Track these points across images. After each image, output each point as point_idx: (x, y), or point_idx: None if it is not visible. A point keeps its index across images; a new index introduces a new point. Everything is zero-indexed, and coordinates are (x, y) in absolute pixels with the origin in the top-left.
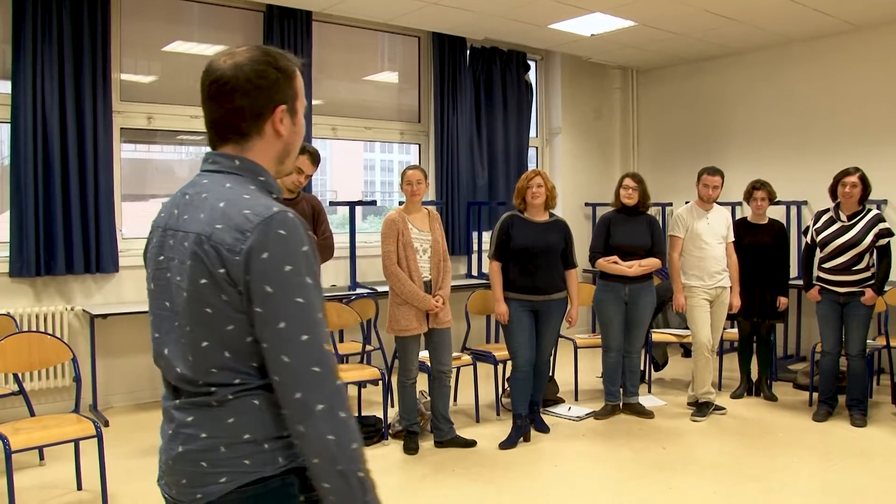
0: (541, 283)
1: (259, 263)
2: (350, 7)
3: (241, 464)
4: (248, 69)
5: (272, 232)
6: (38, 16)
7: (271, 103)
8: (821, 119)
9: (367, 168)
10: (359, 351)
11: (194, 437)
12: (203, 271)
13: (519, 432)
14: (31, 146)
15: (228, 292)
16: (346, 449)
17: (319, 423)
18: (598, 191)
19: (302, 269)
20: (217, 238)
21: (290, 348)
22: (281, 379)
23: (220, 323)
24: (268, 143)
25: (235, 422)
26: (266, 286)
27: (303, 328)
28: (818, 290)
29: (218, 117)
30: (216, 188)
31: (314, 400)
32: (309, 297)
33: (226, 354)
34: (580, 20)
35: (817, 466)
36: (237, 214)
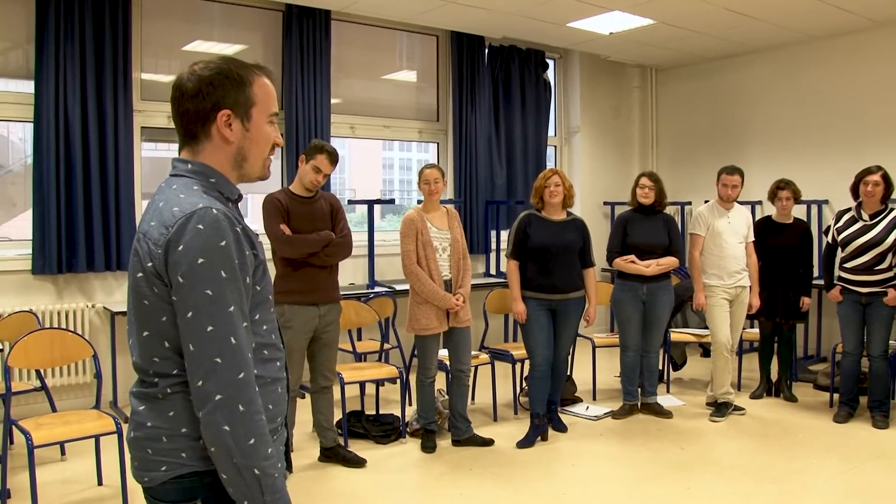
0: (559, 281)
1: (174, 255)
2: (369, 6)
3: (179, 455)
4: (196, 77)
5: (190, 226)
6: (60, 16)
7: (215, 107)
8: (842, 117)
9: (385, 167)
10: (377, 349)
11: (142, 424)
12: (139, 266)
13: (536, 431)
14: (54, 145)
15: (157, 285)
16: (241, 443)
17: (216, 412)
18: (616, 190)
19: (215, 262)
20: (149, 235)
21: (194, 337)
22: (188, 366)
23: (156, 314)
24: (216, 146)
25: (174, 415)
26: (179, 276)
27: (209, 319)
28: (839, 290)
29: (175, 121)
30: (166, 191)
31: (213, 390)
32: (219, 289)
33: (165, 344)
34: (599, 18)
35: (838, 468)
36: (167, 212)
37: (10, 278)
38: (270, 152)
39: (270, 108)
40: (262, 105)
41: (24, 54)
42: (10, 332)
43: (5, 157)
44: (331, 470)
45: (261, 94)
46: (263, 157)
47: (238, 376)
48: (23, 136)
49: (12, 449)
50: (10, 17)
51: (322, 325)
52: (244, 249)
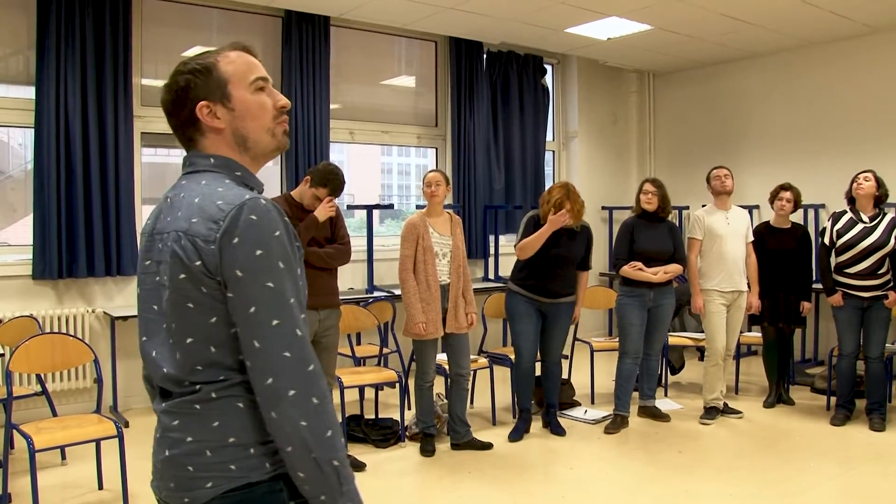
0: (556, 288)
1: (230, 249)
2: (367, 12)
3: (227, 469)
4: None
5: (243, 217)
6: (61, 22)
7: (190, 106)
8: (839, 122)
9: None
10: (376, 354)
11: (180, 441)
12: (181, 266)
13: (525, 424)
14: (54, 150)
15: (207, 284)
16: (320, 436)
17: (291, 408)
18: (614, 195)
19: (273, 253)
20: (193, 231)
21: (260, 333)
22: (252, 364)
23: (203, 316)
24: (214, 140)
25: (220, 425)
26: (237, 270)
27: (273, 313)
28: (841, 295)
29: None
30: (193, 186)
31: (285, 385)
32: (280, 281)
33: (211, 349)
34: (596, 24)
35: (835, 471)
36: (211, 206)
37: (10, 283)
38: (277, 119)
39: (248, 76)
40: (236, 79)
41: (24, 60)
42: (11, 337)
43: (6, 163)
44: None
45: (231, 70)
46: (266, 127)
47: (308, 369)
48: (23, 141)
49: (13, 453)
50: (12, 23)
51: (321, 330)
52: (293, 240)
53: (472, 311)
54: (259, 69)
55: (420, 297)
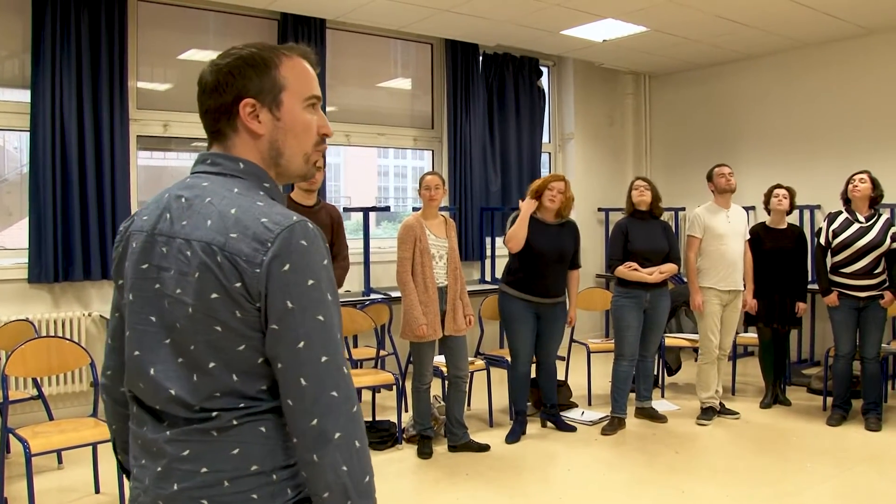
0: (549, 287)
1: (280, 276)
2: (363, 15)
3: (249, 498)
4: (215, 69)
5: (294, 242)
6: (56, 26)
7: (235, 98)
8: (834, 123)
9: (380, 174)
10: (373, 356)
11: (193, 472)
12: (215, 285)
13: (521, 426)
14: (50, 154)
15: (245, 308)
16: (359, 482)
17: (335, 452)
18: (611, 196)
19: (324, 283)
20: (232, 248)
21: (308, 370)
22: (295, 404)
23: (231, 342)
24: (245, 143)
25: (241, 452)
26: (287, 301)
27: (323, 349)
28: (837, 295)
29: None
30: (222, 192)
31: (332, 428)
32: (330, 315)
33: (233, 377)
34: (592, 26)
35: (831, 471)
36: (254, 223)
37: (6, 287)
38: (317, 146)
39: (306, 90)
40: (294, 88)
41: (20, 63)
42: (7, 341)
43: (1, 167)
44: None
45: (291, 77)
46: (305, 151)
47: (353, 410)
48: (18, 145)
49: (9, 457)
50: (7, 26)
51: None
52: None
53: (469, 313)
54: (316, 86)
55: (419, 299)
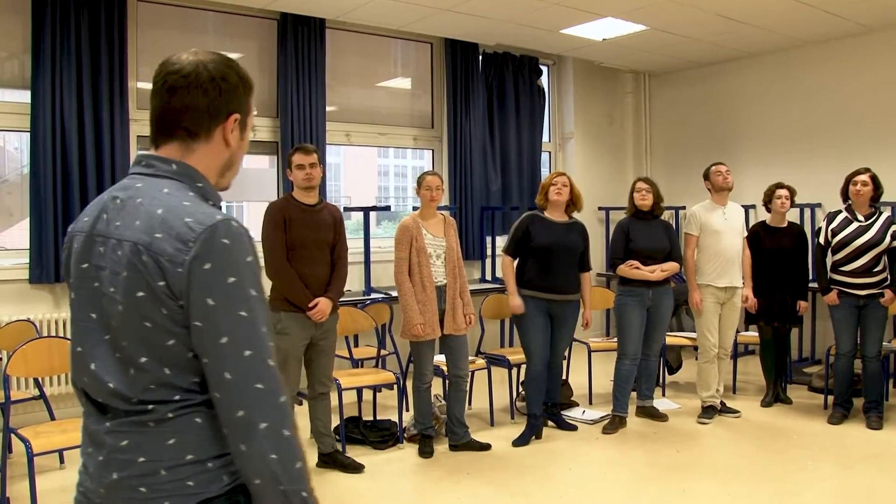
0: (559, 283)
1: (201, 275)
2: (363, 14)
3: (185, 486)
4: (211, 68)
5: (216, 241)
6: (56, 26)
7: (227, 108)
8: (834, 121)
9: (380, 173)
10: (374, 355)
11: (131, 461)
12: (141, 283)
13: (532, 431)
14: (51, 154)
15: (169, 306)
16: (289, 468)
17: (262, 441)
18: (611, 195)
19: (246, 280)
20: (157, 248)
21: (232, 365)
22: (222, 396)
23: (160, 338)
24: (214, 149)
25: (177, 442)
26: (208, 299)
27: (246, 343)
28: (836, 293)
29: (170, 111)
30: (152, 193)
31: (257, 418)
32: (252, 309)
33: (165, 371)
34: (592, 25)
35: (832, 469)
36: (178, 223)
37: (7, 287)
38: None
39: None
40: (252, 115)
41: (20, 64)
42: (9, 341)
43: (2, 167)
44: (329, 475)
45: (252, 103)
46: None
47: (279, 400)
48: (19, 145)
49: (11, 457)
50: (7, 27)
51: (319, 333)
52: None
53: (469, 312)
54: None
55: (416, 298)
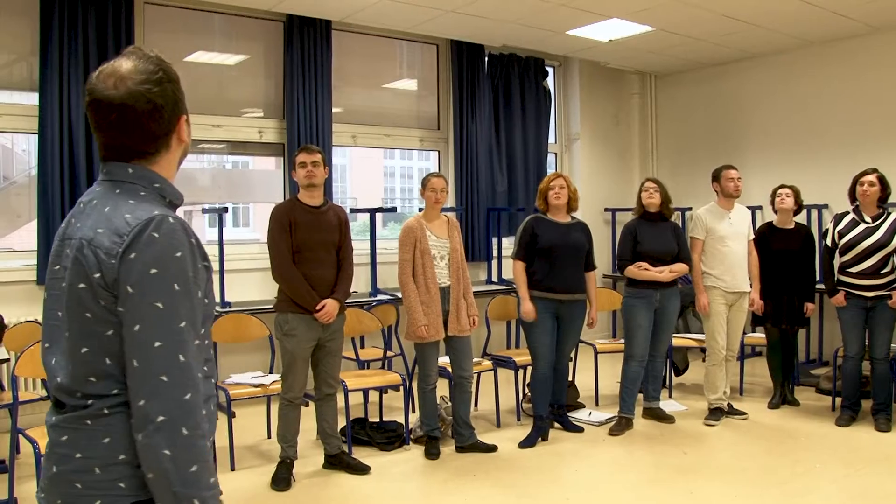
0: (565, 282)
1: (126, 264)
2: (369, 16)
3: (117, 486)
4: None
5: (146, 234)
6: (64, 29)
7: (175, 117)
8: (841, 122)
9: (386, 175)
10: (380, 357)
11: (69, 457)
12: (82, 276)
13: (539, 432)
14: (58, 156)
15: (104, 297)
16: (183, 470)
17: (157, 434)
18: (617, 196)
19: (169, 274)
20: (97, 242)
21: (139, 353)
22: (130, 383)
23: (99, 327)
24: (173, 153)
25: (111, 442)
26: (128, 286)
27: (157, 334)
28: (843, 295)
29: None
30: (107, 194)
31: (156, 410)
32: (172, 303)
33: (106, 361)
34: (598, 26)
35: (840, 472)
36: (119, 219)
37: (15, 289)
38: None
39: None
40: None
41: (28, 66)
42: (17, 342)
43: (9, 169)
44: (335, 477)
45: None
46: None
47: (184, 397)
48: (27, 147)
49: (19, 458)
50: (15, 29)
51: (326, 334)
52: (198, 261)
53: (473, 313)
54: None
55: (420, 300)
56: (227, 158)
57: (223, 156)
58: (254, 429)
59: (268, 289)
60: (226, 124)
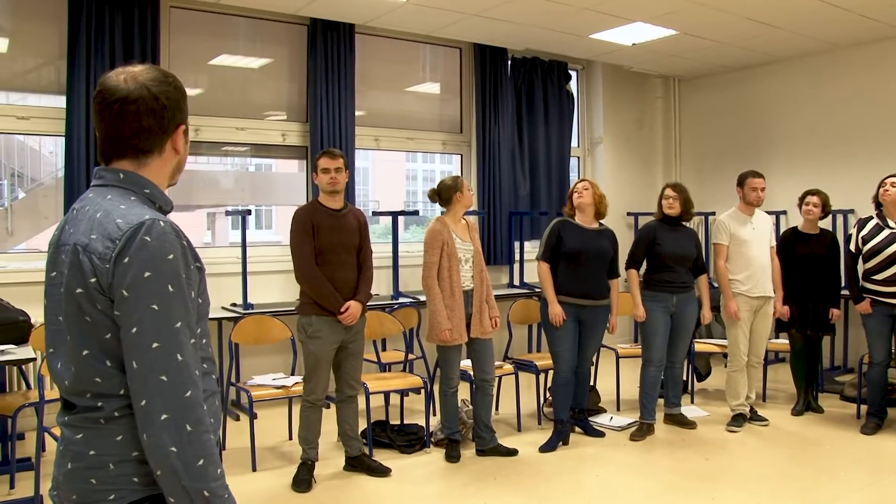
0: (589, 287)
1: (120, 268)
2: (392, 20)
3: (131, 481)
4: (155, 89)
5: (137, 238)
6: (91, 32)
7: (174, 122)
8: (867, 126)
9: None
10: (401, 359)
11: (82, 454)
12: (79, 281)
13: (559, 437)
14: (84, 158)
15: (101, 301)
16: (190, 464)
17: (161, 433)
18: (640, 200)
19: (162, 276)
20: (91, 248)
21: (138, 354)
22: (131, 385)
23: (99, 331)
24: (165, 160)
25: (124, 439)
26: (123, 290)
27: (154, 335)
28: (869, 302)
29: (119, 135)
30: (98, 200)
31: (158, 409)
32: (166, 304)
33: (107, 363)
34: (621, 30)
35: (865, 480)
36: (111, 224)
37: (42, 289)
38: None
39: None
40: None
41: (55, 70)
42: (43, 342)
43: (37, 171)
44: (356, 479)
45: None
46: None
47: (185, 395)
48: (54, 149)
49: (45, 456)
50: (44, 34)
51: (349, 336)
52: (190, 263)
53: (495, 315)
54: None
55: (444, 303)
56: (251, 161)
57: (247, 158)
58: (275, 430)
59: (290, 291)
60: (249, 127)
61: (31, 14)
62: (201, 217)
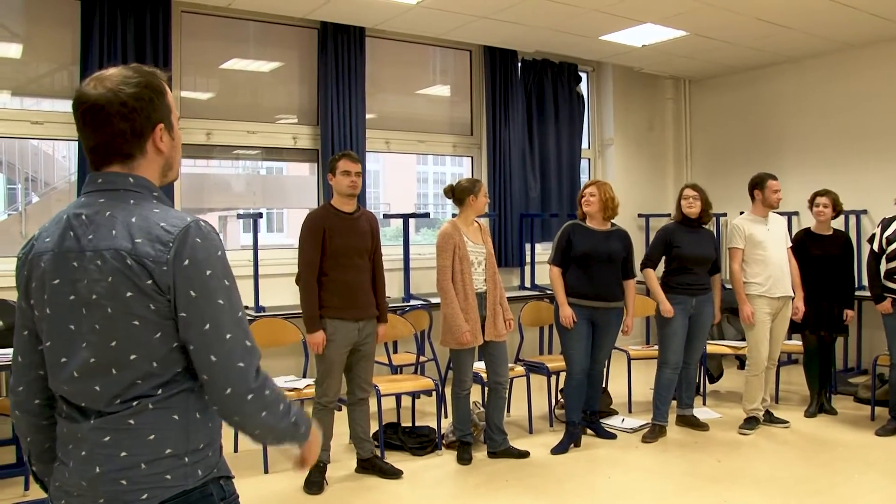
0: (600, 290)
1: (182, 271)
2: (402, 23)
3: (163, 479)
4: (122, 93)
5: (189, 240)
6: (104, 38)
7: (150, 123)
8: (879, 127)
9: (419, 181)
10: (413, 362)
11: (112, 457)
12: (129, 285)
13: (571, 439)
14: None
15: (157, 301)
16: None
17: (251, 409)
18: (651, 202)
19: (220, 272)
20: (140, 251)
21: (216, 348)
22: (210, 377)
23: (148, 333)
24: (150, 160)
25: (156, 438)
26: (190, 291)
27: (226, 328)
28: (891, 301)
29: (99, 143)
30: (120, 205)
31: (244, 392)
32: (228, 297)
33: (153, 364)
34: (631, 31)
35: (880, 483)
36: (155, 228)
37: None
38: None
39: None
40: (174, 111)
41: (69, 75)
42: None
43: (50, 175)
44: (367, 481)
45: (171, 101)
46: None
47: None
48: (67, 154)
49: None
50: (57, 39)
51: (361, 339)
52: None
53: (509, 317)
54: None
55: (459, 307)
56: (262, 164)
57: (258, 162)
58: None
59: None
60: (260, 130)
61: (44, 20)
62: (213, 220)
